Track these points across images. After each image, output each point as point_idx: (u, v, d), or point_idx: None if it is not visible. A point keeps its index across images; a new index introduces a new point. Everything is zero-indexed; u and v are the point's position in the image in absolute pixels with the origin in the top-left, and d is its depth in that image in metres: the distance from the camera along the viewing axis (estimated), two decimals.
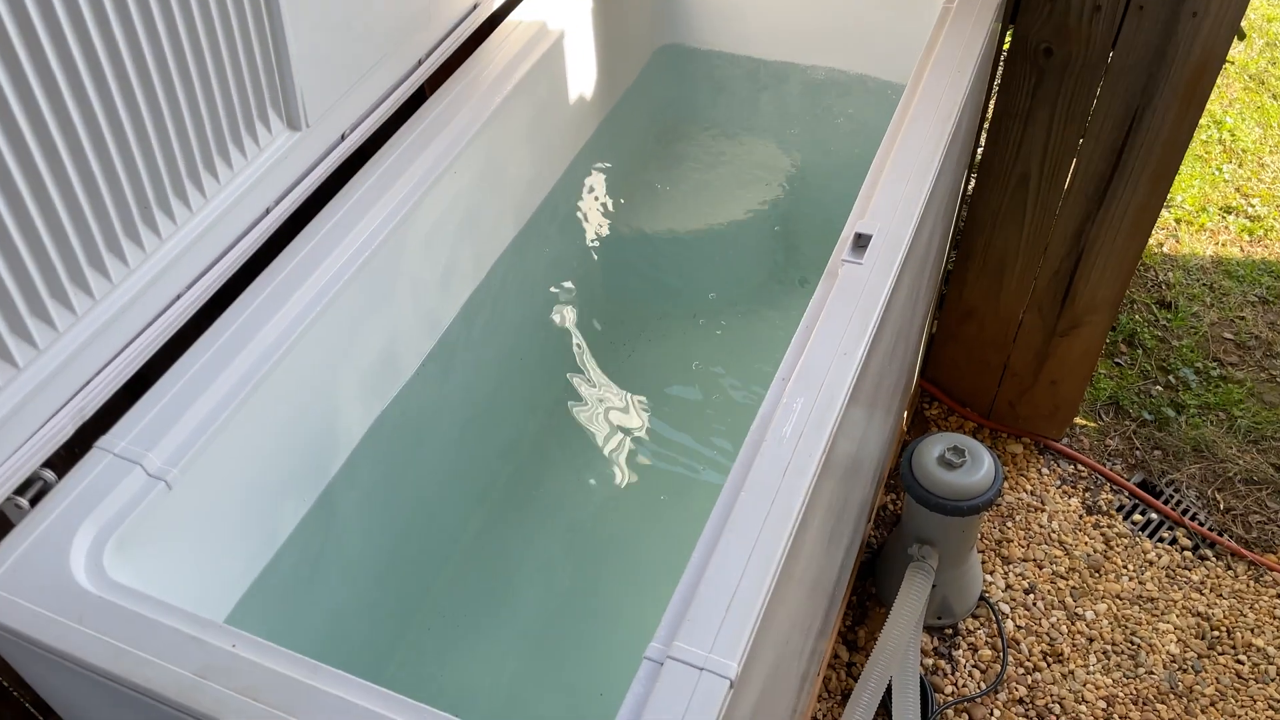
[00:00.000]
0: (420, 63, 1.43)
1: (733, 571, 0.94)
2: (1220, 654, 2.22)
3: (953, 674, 2.14)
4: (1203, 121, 3.41)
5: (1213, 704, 2.14)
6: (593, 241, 1.77)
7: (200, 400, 1.12)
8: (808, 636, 1.54)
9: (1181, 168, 3.24)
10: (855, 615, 2.21)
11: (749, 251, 1.85)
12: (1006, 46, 1.96)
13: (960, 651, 2.17)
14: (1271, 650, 2.23)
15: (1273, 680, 2.18)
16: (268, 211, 1.24)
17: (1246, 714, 2.12)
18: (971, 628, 2.21)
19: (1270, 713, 2.13)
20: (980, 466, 1.95)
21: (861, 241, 1.24)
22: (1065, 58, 1.89)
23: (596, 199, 1.78)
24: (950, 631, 2.20)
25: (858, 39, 1.84)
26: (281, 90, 1.19)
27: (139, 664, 0.91)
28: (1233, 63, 3.68)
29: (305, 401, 1.26)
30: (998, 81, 1.99)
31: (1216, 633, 2.25)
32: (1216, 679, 2.17)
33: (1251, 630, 2.26)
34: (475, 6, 1.53)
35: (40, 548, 0.99)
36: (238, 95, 1.14)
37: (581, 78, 1.71)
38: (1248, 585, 2.35)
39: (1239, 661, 2.21)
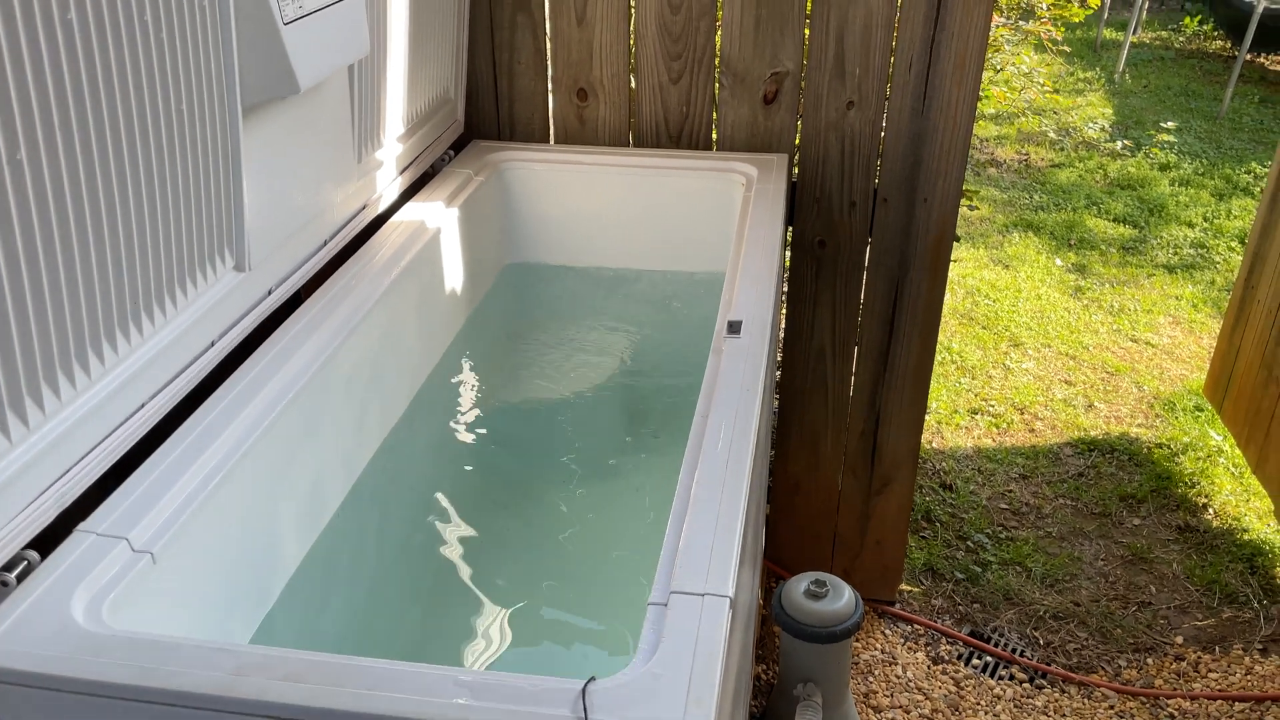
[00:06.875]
0: (326, 243, 1.64)
1: (706, 523, 1.09)
2: None
3: None
4: (938, 350, 4.05)
5: None
6: (470, 413, 1.95)
7: (168, 495, 1.18)
8: None
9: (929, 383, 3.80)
10: None
11: (614, 412, 2.07)
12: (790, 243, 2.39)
13: None
14: None
15: None
16: (212, 344, 1.36)
17: None
18: None
19: None
20: (842, 595, 2.14)
21: (734, 327, 1.50)
22: (835, 247, 2.34)
23: (473, 375, 1.97)
24: None
25: (675, 246, 2.21)
26: (234, 234, 1.35)
27: (170, 675, 0.92)
28: (957, 260, 4.45)
29: (252, 521, 1.31)
30: (787, 273, 2.41)
31: None
32: None
33: None
34: (364, 207, 1.78)
35: (38, 610, 0.99)
36: (198, 232, 1.30)
37: (452, 279, 1.95)
38: (1083, 703, 2.58)
39: None
